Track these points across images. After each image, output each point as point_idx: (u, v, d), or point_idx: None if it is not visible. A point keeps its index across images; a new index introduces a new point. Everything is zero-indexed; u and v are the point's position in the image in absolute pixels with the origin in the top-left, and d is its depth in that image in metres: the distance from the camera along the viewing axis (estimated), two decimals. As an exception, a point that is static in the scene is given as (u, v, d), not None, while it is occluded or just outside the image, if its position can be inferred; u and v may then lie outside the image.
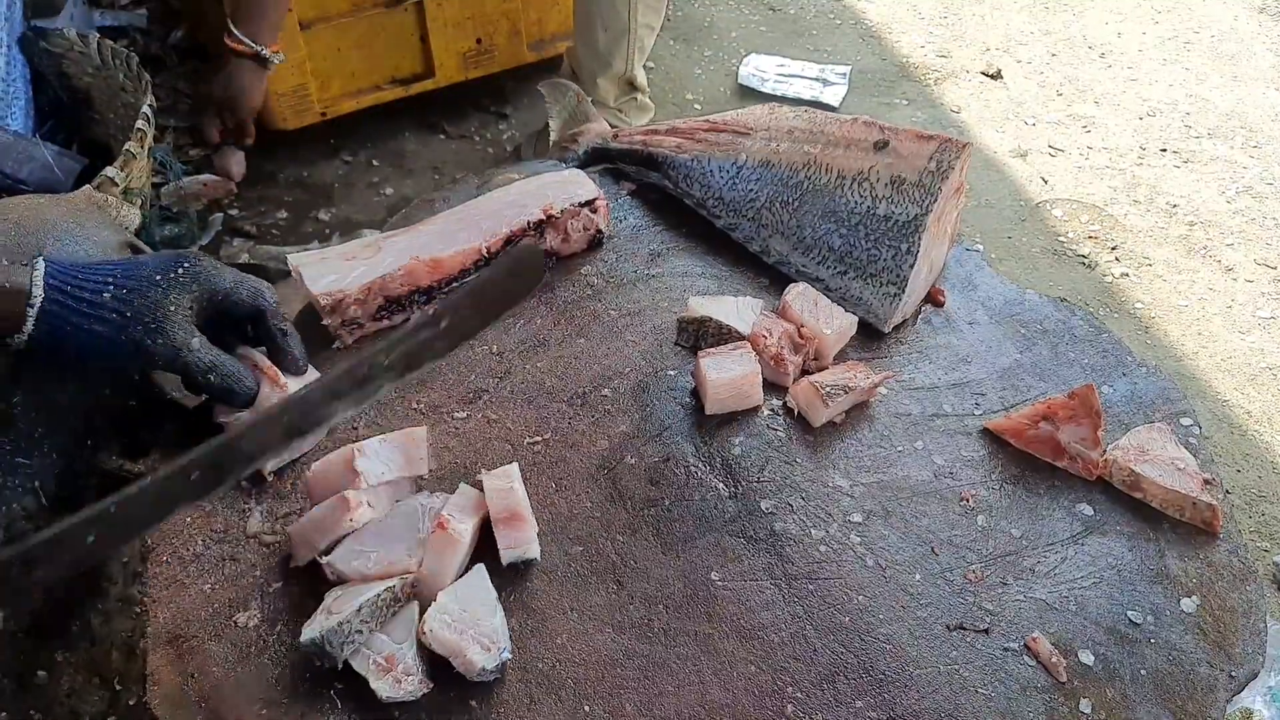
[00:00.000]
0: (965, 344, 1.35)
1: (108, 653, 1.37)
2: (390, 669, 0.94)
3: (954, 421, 1.25)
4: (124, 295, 1.04)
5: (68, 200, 1.31)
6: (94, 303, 1.03)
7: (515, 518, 1.05)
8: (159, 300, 1.05)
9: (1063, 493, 1.18)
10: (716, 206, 1.46)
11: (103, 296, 1.03)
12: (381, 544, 1.03)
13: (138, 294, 1.04)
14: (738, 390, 1.19)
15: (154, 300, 1.04)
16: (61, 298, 1.02)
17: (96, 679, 1.35)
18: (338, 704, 0.96)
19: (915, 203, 1.28)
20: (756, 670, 1.00)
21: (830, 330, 1.26)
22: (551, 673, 0.99)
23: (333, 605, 0.97)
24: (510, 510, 1.05)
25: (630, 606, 1.04)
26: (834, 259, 1.35)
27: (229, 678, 0.97)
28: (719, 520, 1.12)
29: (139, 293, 1.04)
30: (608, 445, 1.19)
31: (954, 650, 1.02)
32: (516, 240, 1.37)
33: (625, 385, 1.26)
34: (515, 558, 1.06)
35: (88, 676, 1.32)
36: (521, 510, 1.05)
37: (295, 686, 0.97)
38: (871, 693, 0.98)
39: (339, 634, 0.94)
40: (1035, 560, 1.11)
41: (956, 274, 1.46)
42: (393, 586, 0.98)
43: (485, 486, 1.07)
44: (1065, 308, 1.40)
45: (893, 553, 1.10)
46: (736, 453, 1.17)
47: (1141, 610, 1.07)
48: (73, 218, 1.26)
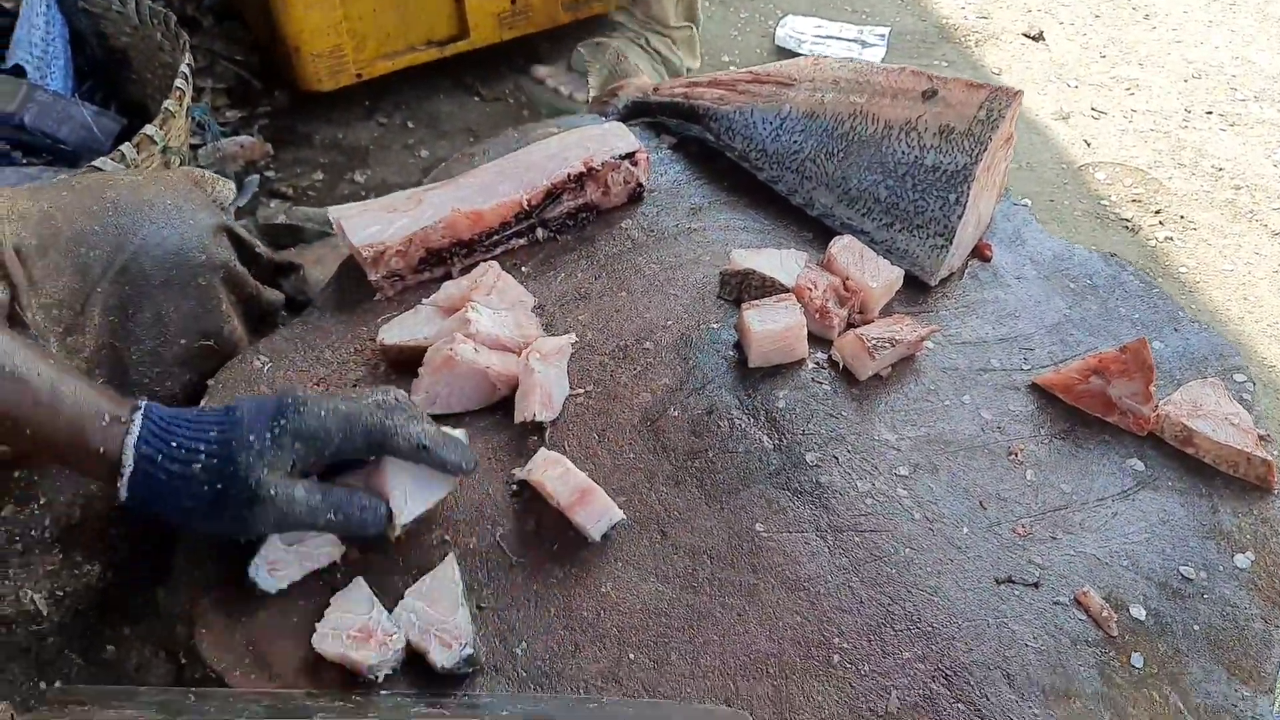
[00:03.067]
0: (1013, 299, 1.32)
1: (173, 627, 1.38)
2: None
3: (1002, 376, 1.23)
4: (214, 465, 0.92)
5: (165, 179, 1.31)
6: (185, 475, 0.92)
7: (586, 494, 1.03)
8: (251, 465, 0.92)
9: (1113, 448, 1.16)
10: (759, 159, 1.44)
11: (192, 468, 0.91)
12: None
13: (230, 461, 0.92)
14: (782, 343, 1.18)
15: (248, 465, 0.92)
16: (152, 469, 0.92)
17: (163, 653, 1.36)
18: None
19: (964, 152, 1.26)
20: (802, 620, 0.99)
21: (876, 283, 1.24)
22: (596, 621, 0.99)
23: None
24: (578, 489, 1.04)
25: (674, 557, 1.04)
26: (880, 211, 1.33)
27: (276, 621, 0.98)
28: (763, 472, 1.11)
29: (231, 460, 0.92)
30: (650, 398, 1.18)
31: (1003, 604, 1.01)
32: (557, 193, 1.35)
33: (667, 339, 1.25)
34: (604, 528, 1.04)
35: (154, 650, 1.33)
36: (588, 484, 1.04)
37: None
38: (919, 644, 0.97)
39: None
40: (1085, 515, 1.09)
41: (1004, 229, 1.43)
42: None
43: (541, 480, 1.04)
44: (1115, 263, 1.37)
45: (940, 506, 1.09)
46: (781, 405, 1.16)
47: (1194, 566, 1.05)
48: (171, 197, 1.25)
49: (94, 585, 1.23)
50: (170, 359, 1.23)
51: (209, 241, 1.26)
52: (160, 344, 1.22)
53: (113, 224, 1.19)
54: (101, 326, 1.17)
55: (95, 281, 1.16)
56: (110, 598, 1.26)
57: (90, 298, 1.16)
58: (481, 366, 1.13)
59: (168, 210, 1.23)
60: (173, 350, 1.23)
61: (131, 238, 1.19)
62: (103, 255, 1.17)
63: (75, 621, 1.21)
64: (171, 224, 1.23)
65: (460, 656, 0.93)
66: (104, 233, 1.18)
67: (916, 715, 0.93)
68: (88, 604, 1.22)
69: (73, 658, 1.19)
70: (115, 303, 1.18)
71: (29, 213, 1.16)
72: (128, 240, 1.19)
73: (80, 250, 1.16)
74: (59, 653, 1.18)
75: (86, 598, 1.22)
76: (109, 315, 1.17)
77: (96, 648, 1.23)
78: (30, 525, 1.16)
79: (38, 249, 1.14)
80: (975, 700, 0.93)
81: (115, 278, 1.17)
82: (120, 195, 1.22)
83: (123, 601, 1.27)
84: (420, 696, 0.93)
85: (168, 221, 1.22)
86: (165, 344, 1.22)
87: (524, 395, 1.13)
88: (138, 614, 1.32)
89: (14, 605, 1.15)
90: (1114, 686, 0.95)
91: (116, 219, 1.19)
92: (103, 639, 1.25)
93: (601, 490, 1.04)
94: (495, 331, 1.17)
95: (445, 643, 0.94)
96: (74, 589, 1.21)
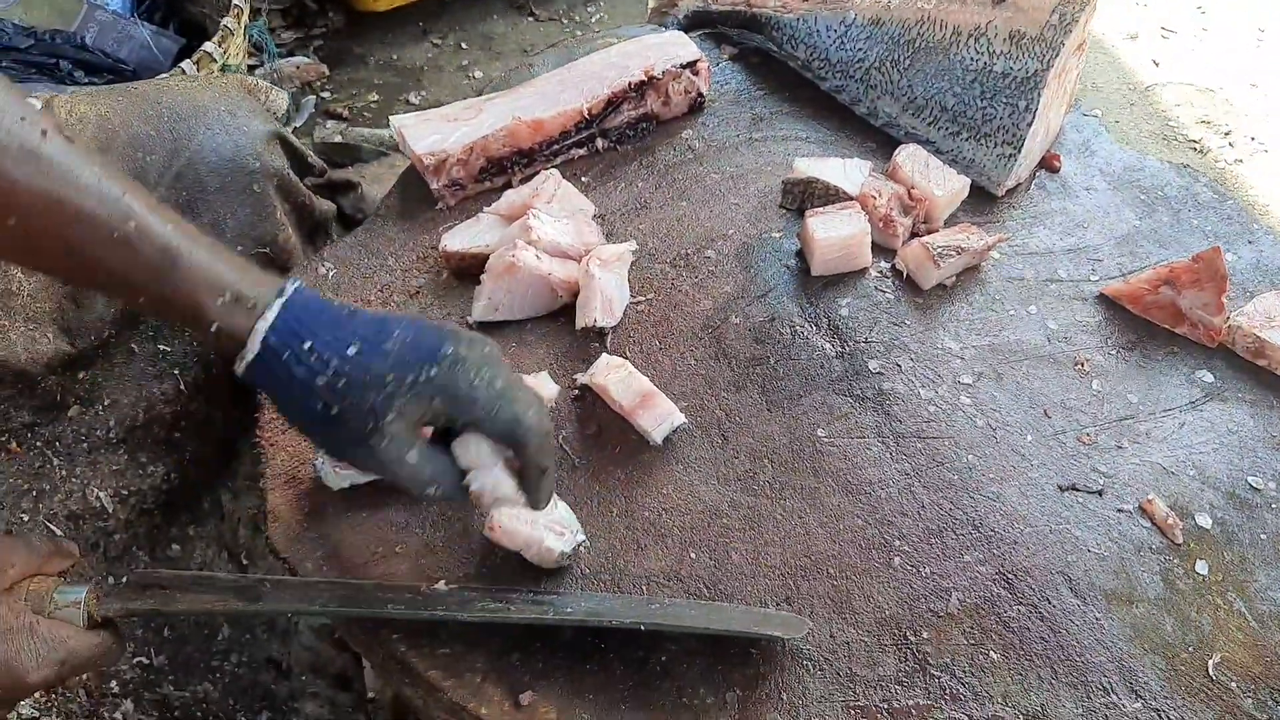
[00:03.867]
0: (1082, 209, 1.30)
1: (235, 528, 1.42)
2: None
3: (1069, 287, 1.21)
4: (339, 388, 0.80)
5: (220, 85, 1.32)
6: (307, 385, 0.81)
7: (648, 398, 1.05)
8: (376, 409, 0.80)
9: (1182, 359, 1.14)
10: (822, 68, 1.41)
11: (316, 382, 0.81)
12: None
13: (355, 391, 0.80)
14: (846, 250, 1.17)
15: (370, 408, 0.80)
16: (276, 364, 0.82)
17: (225, 553, 1.40)
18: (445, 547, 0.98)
19: (1036, 58, 1.22)
20: (863, 524, 0.99)
21: (941, 192, 1.22)
22: (658, 520, 1.00)
23: None
24: (640, 393, 1.05)
25: (735, 460, 1.04)
26: (946, 119, 1.30)
27: (343, 515, 1.00)
28: (825, 379, 1.10)
29: (358, 389, 0.80)
30: (711, 306, 1.18)
31: (1066, 510, 1.01)
32: (617, 102, 1.34)
33: (729, 247, 1.24)
34: (666, 430, 1.05)
35: (217, 550, 1.37)
36: (650, 388, 1.05)
37: (408, 528, 0.99)
38: (980, 548, 0.97)
39: None
40: (1152, 425, 1.08)
41: (1073, 140, 1.40)
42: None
43: (604, 384, 1.06)
44: (1188, 174, 1.34)
45: (1003, 414, 1.08)
46: (844, 313, 1.15)
47: (1263, 476, 1.04)
48: (225, 104, 1.26)
49: (159, 486, 1.26)
50: None
51: (262, 148, 1.27)
52: None
53: (168, 129, 1.20)
54: None
55: (152, 186, 1.18)
56: (175, 499, 1.30)
57: None
58: (544, 273, 1.13)
59: (221, 117, 1.24)
60: None
61: (187, 143, 1.21)
62: (159, 160, 1.19)
63: (141, 520, 1.26)
64: (226, 130, 1.24)
65: (576, 542, 0.95)
66: (160, 138, 1.19)
67: (977, 617, 0.93)
68: (153, 503, 1.26)
69: (139, 554, 1.23)
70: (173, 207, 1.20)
71: (87, 116, 1.18)
72: (183, 146, 1.20)
73: (137, 155, 1.18)
74: (126, 549, 1.22)
75: (152, 497, 1.26)
76: None
77: (162, 545, 1.28)
78: (95, 426, 1.20)
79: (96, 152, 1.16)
80: (1036, 603, 0.94)
81: (172, 183, 1.19)
82: (175, 101, 1.23)
83: (188, 503, 1.32)
84: (487, 591, 0.95)
85: (222, 128, 1.24)
86: None
87: (585, 301, 1.13)
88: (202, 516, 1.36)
89: (81, 502, 1.19)
90: (1177, 592, 0.95)
91: (172, 125, 1.21)
92: (168, 538, 1.29)
93: (663, 394, 1.05)
94: (556, 238, 1.17)
95: (558, 532, 0.95)
96: (139, 489, 1.25)
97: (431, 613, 0.90)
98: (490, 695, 0.88)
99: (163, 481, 1.28)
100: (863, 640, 0.92)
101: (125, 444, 1.23)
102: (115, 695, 1.21)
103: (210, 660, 1.34)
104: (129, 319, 1.21)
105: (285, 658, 1.42)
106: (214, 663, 1.34)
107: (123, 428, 1.23)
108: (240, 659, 1.36)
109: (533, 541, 0.94)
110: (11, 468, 1.15)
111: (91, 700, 1.19)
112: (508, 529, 0.94)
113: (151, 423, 1.25)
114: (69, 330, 1.15)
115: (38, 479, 1.17)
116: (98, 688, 1.20)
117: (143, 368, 1.23)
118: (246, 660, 1.37)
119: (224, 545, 1.41)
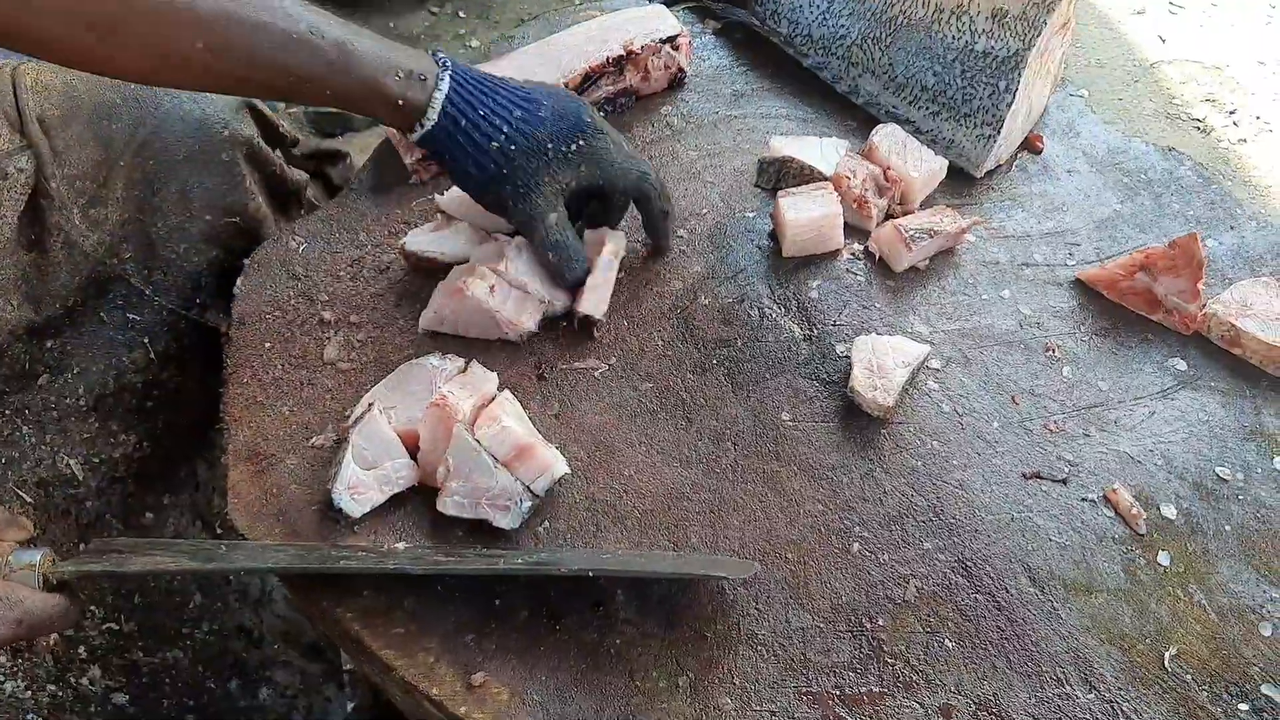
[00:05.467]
0: (1062, 192, 1.28)
1: (209, 499, 1.42)
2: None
3: (1044, 271, 1.19)
4: (510, 151, 1.02)
5: None
6: (481, 147, 1.02)
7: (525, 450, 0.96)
8: (538, 170, 1.03)
9: (1155, 346, 1.13)
10: (804, 44, 1.40)
11: (489, 144, 1.01)
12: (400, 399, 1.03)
13: (522, 155, 1.02)
14: (817, 231, 1.16)
15: (534, 168, 1.03)
16: (454, 129, 1.01)
17: (199, 522, 1.40)
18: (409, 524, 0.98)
19: (1017, 36, 1.20)
20: (823, 509, 0.99)
21: (918, 173, 1.21)
22: (618, 503, 0.99)
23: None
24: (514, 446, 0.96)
25: (698, 443, 1.04)
26: (926, 98, 1.28)
27: (304, 494, 1.00)
28: (792, 362, 1.10)
29: (524, 154, 1.02)
30: (681, 286, 1.17)
31: (1029, 498, 1.00)
32: (595, 77, 1.33)
33: (702, 226, 1.23)
34: (546, 484, 0.97)
35: (191, 519, 1.37)
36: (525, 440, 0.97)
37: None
38: (940, 535, 0.97)
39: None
40: (1121, 413, 1.07)
41: (1057, 120, 1.38)
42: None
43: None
44: (1173, 157, 1.32)
45: (970, 400, 1.07)
46: (813, 295, 1.14)
47: (1231, 466, 1.03)
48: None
49: (130, 455, 1.27)
50: (196, 234, 1.24)
51: (230, 116, 1.26)
52: (185, 219, 1.23)
53: (134, 97, 1.19)
54: (125, 200, 1.18)
55: (118, 154, 1.18)
56: (149, 468, 1.30)
57: (113, 170, 1.17)
58: (491, 309, 1.08)
59: None
60: (197, 226, 1.24)
61: (153, 111, 1.20)
62: (125, 128, 1.18)
63: (113, 488, 1.26)
64: (194, 98, 1.23)
65: (523, 513, 0.95)
66: (125, 105, 1.19)
67: (934, 604, 0.93)
68: (125, 472, 1.26)
69: (112, 522, 1.24)
70: (139, 176, 1.19)
71: (52, 85, 1.17)
72: (149, 114, 1.20)
73: (103, 123, 1.17)
74: (98, 517, 1.23)
75: (124, 466, 1.26)
76: (133, 189, 1.19)
77: (136, 514, 1.28)
78: (65, 394, 1.20)
79: (61, 120, 1.15)
80: (994, 591, 0.93)
81: (138, 151, 1.18)
82: None
83: (163, 473, 1.32)
84: (438, 548, 0.95)
85: (190, 96, 1.23)
86: (190, 219, 1.23)
87: (593, 288, 1.11)
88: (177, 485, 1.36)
89: (50, 469, 1.19)
90: (1138, 583, 0.94)
91: (138, 92, 1.20)
92: (143, 506, 1.29)
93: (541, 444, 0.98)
94: (525, 278, 1.11)
95: (503, 506, 0.95)
96: (110, 457, 1.25)
97: (383, 566, 0.90)
98: (442, 675, 0.88)
99: (135, 450, 1.28)
100: (818, 626, 0.91)
101: (96, 412, 1.24)
102: (83, 660, 1.22)
103: (181, 627, 1.34)
104: (96, 287, 1.20)
105: (257, 626, 1.43)
106: (184, 629, 1.35)
107: (93, 396, 1.23)
108: (211, 626, 1.37)
109: (483, 518, 0.95)
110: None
111: (59, 665, 1.19)
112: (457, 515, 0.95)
113: (122, 391, 1.25)
114: (34, 298, 1.15)
115: (7, 446, 1.17)
116: (65, 652, 1.21)
117: (112, 336, 1.23)
118: (217, 628, 1.37)
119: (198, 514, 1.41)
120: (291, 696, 1.42)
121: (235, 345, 1.13)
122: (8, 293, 1.13)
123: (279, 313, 1.16)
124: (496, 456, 0.96)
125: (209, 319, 1.28)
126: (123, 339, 1.24)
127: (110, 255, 1.20)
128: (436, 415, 0.98)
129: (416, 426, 0.99)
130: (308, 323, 1.15)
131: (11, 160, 1.12)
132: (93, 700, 1.20)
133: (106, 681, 1.22)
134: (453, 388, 1.00)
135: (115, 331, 1.23)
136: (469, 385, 1.02)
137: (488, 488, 0.95)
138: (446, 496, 0.95)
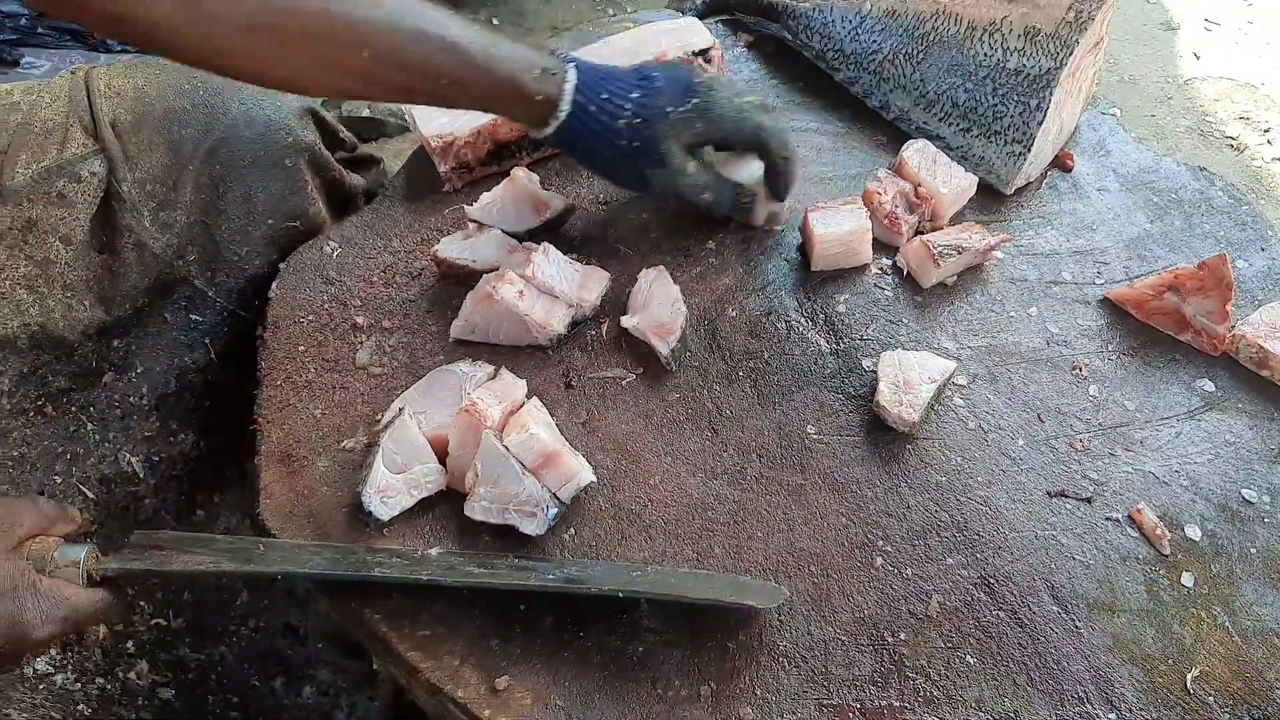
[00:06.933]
0: (1092, 211, 1.28)
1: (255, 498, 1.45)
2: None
3: (1072, 290, 1.19)
4: (637, 125, 1.09)
5: None
6: (610, 128, 1.09)
7: (552, 458, 0.98)
8: (664, 134, 1.09)
9: (1183, 367, 1.13)
10: (836, 59, 1.40)
11: (618, 123, 1.08)
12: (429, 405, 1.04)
13: (648, 125, 1.09)
14: (846, 246, 1.16)
15: (660, 133, 1.09)
16: (584, 116, 1.08)
17: (249, 520, 1.42)
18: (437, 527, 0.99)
19: (1049, 55, 1.21)
20: (847, 522, 0.99)
21: (948, 189, 1.21)
22: (643, 512, 1.00)
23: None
24: (542, 454, 0.98)
25: (724, 454, 1.05)
26: (957, 115, 1.29)
27: (335, 497, 1.02)
28: (818, 375, 1.10)
29: (650, 123, 1.09)
30: (710, 297, 1.18)
31: (1053, 516, 1.00)
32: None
33: (731, 239, 1.24)
34: (573, 491, 0.99)
35: (241, 518, 1.39)
36: (553, 448, 0.98)
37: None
38: (963, 551, 0.97)
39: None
40: (1148, 433, 1.07)
41: (1088, 138, 1.38)
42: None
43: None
44: (1204, 177, 1.32)
45: (996, 417, 1.07)
46: (841, 310, 1.15)
47: (1257, 489, 1.03)
48: None
49: (187, 453, 1.29)
50: (258, 238, 1.27)
51: (295, 123, 1.28)
52: (249, 223, 1.26)
53: (203, 103, 1.22)
54: (193, 203, 1.21)
55: (188, 159, 1.20)
56: (203, 466, 1.33)
57: (183, 174, 1.20)
58: (521, 313, 1.10)
59: (255, 91, 1.26)
60: (260, 229, 1.26)
61: (221, 117, 1.22)
62: (194, 133, 1.21)
63: (170, 486, 1.29)
64: (260, 105, 1.25)
65: (548, 520, 0.96)
66: (195, 111, 1.21)
67: (956, 620, 0.93)
68: (182, 470, 1.29)
69: (167, 519, 1.26)
70: (206, 180, 1.22)
71: (124, 90, 1.20)
72: (218, 120, 1.22)
73: (173, 128, 1.20)
74: (154, 514, 1.26)
75: (181, 464, 1.29)
76: (200, 193, 1.21)
77: (189, 512, 1.31)
78: (129, 392, 1.23)
79: (132, 125, 1.18)
80: (1016, 608, 0.94)
81: (206, 156, 1.21)
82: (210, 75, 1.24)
83: (215, 471, 1.34)
84: (472, 557, 0.96)
85: (256, 102, 1.25)
86: (253, 223, 1.26)
87: (657, 326, 1.12)
88: (227, 484, 1.39)
89: (113, 466, 1.22)
90: (1160, 604, 0.95)
91: (207, 98, 1.23)
92: (195, 504, 1.32)
93: (569, 451, 1.00)
94: (553, 283, 1.13)
95: (529, 513, 0.96)
96: (169, 455, 1.28)
97: (416, 577, 0.92)
98: (467, 678, 0.89)
99: (191, 449, 1.31)
100: (840, 639, 0.92)
101: (157, 411, 1.26)
102: (131, 655, 1.25)
103: (228, 624, 1.37)
104: (162, 289, 1.23)
105: (302, 624, 1.45)
106: (231, 626, 1.37)
107: (155, 395, 1.25)
108: (258, 624, 1.39)
109: (510, 526, 0.96)
110: (47, 431, 1.18)
111: (107, 659, 1.22)
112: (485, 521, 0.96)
113: (183, 390, 1.28)
114: (105, 299, 1.18)
115: (72, 443, 1.20)
116: (113, 647, 1.23)
117: (175, 337, 1.26)
118: (263, 625, 1.40)
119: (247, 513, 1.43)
120: (334, 695, 1.44)
121: (269, 348, 1.15)
122: (80, 293, 1.15)
123: (312, 316, 1.18)
124: (524, 463, 0.97)
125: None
126: (185, 339, 1.27)
127: (177, 257, 1.22)
128: (466, 421, 0.99)
129: (446, 432, 1.01)
130: (340, 327, 1.17)
131: (85, 164, 1.15)
132: (140, 694, 1.23)
133: (154, 676, 1.24)
134: (482, 394, 1.02)
135: (178, 332, 1.26)
136: (498, 392, 1.04)
137: (515, 494, 0.96)
138: (474, 501, 0.97)
